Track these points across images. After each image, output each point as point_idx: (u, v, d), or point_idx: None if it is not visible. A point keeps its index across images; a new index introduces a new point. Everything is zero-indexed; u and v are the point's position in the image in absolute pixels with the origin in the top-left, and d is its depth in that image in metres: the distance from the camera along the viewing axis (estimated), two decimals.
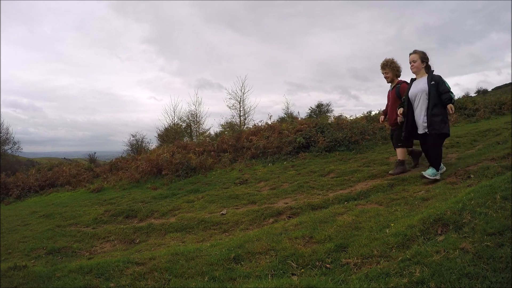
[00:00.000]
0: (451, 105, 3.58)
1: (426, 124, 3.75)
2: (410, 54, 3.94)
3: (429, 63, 3.95)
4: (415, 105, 3.89)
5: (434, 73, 3.78)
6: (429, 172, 3.69)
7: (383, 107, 4.97)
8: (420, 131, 3.85)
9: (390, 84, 4.58)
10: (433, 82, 3.72)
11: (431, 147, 3.75)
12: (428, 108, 3.69)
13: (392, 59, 4.46)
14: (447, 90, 3.62)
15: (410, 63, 3.92)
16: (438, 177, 3.64)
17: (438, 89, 3.66)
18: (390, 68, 4.42)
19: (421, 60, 3.86)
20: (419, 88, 3.81)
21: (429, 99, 3.68)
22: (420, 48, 3.95)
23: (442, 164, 3.85)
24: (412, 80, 4.00)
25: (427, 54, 3.89)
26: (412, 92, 3.90)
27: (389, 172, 4.48)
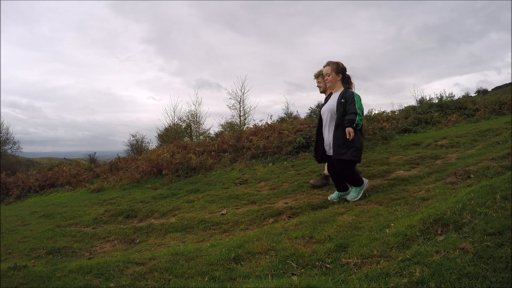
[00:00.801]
0: (349, 129, 3.16)
1: (328, 147, 3.45)
2: (324, 67, 3.62)
3: (349, 74, 3.65)
4: (323, 124, 3.57)
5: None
6: (352, 195, 3.47)
7: (383, 107, 4.96)
8: (328, 152, 3.54)
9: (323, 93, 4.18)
10: (343, 100, 3.33)
11: (336, 172, 3.43)
12: (334, 129, 3.34)
13: (342, 63, 4.01)
14: (353, 111, 3.20)
15: (324, 76, 3.59)
16: (361, 195, 3.43)
17: (345, 109, 3.28)
18: (323, 78, 3.90)
19: (336, 72, 3.49)
20: (329, 105, 3.47)
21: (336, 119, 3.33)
22: (420, 48, 3.86)
23: (365, 180, 3.55)
24: (330, 94, 3.66)
25: (343, 65, 3.55)
26: (323, 109, 3.58)
27: (310, 181, 4.41)
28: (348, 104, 3.27)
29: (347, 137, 3.18)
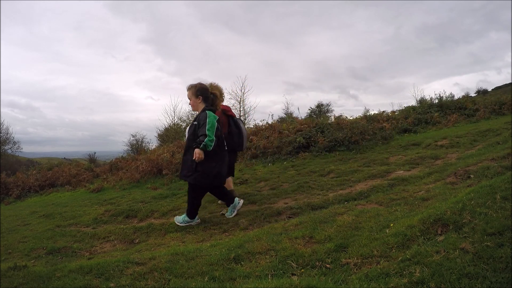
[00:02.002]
0: (197, 150, 3.10)
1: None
2: (187, 90, 3.57)
3: (220, 92, 3.72)
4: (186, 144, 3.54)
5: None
6: (179, 219, 3.48)
7: (383, 107, 4.98)
8: None
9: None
10: (195, 122, 3.33)
11: (188, 191, 3.45)
12: (184, 151, 3.35)
13: (211, 84, 3.94)
14: (203, 133, 3.16)
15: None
16: (188, 224, 3.46)
17: (195, 131, 3.26)
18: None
19: (195, 96, 3.45)
20: (189, 127, 3.49)
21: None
22: (420, 48, 3.91)
23: (196, 218, 3.52)
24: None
25: (202, 85, 3.52)
26: (186, 130, 3.60)
27: (219, 202, 4.33)
28: (200, 126, 3.23)
29: (194, 157, 3.13)
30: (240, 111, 17.33)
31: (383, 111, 10.97)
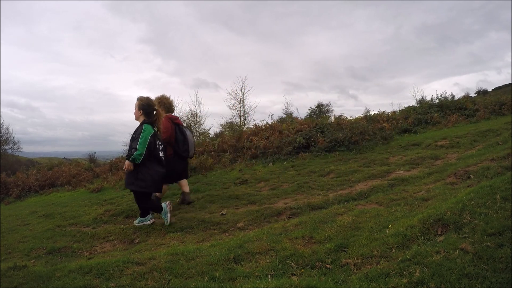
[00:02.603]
0: (127, 162, 3.45)
1: None
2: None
3: (169, 107, 4.13)
4: None
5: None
6: (136, 220, 3.83)
7: (383, 107, 5.00)
8: None
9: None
10: (134, 135, 3.61)
11: (135, 200, 3.78)
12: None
13: (162, 96, 4.38)
14: (134, 146, 3.46)
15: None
16: (146, 222, 3.71)
17: (131, 144, 3.55)
18: (159, 105, 4.22)
19: (138, 108, 3.73)
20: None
21: None
22: (419, 47, 3.92)
23: (149, 216, 3.80)
24: None
25: (149, 101, 3.76)
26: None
27: (177, 201, 4.58)
28: (134, 140, 3.55)
29: (124, 168, 3.55)
30: (240, 111, 17.32)
31: (383, 111, 10.99)
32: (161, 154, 3.66)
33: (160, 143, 3.71)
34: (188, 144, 4.23)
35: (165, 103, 4.29)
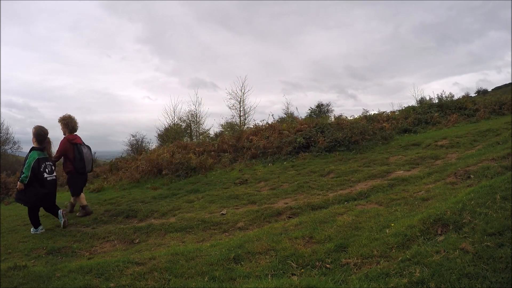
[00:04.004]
0: (18, 182, 3.96)
1: None
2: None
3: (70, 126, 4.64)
4: None
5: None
6: (32, 229, 4.14)
7: (383, 107, 5.02)
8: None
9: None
10: (25, 159, 4.09)
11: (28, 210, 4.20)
12: None
13: (68, 117, 4.85)
14: (21, 170, 4.01)
15: None
16: (35, 232, 4.07)
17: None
18: (61, 124, 4.83)
19: (33, 136, 4.18)
20: None
21: None
22: (419, 47, 3.97)
23: (40, 227, 4.14)
24: None
25: (40, 131, 4.18)
26: None
27: (77, 214, 4.82)
28: (23, 163, 4.10)
29: (16, 187, 4.08)
30: (240, 111, 17.32)
31: (383, 111, 10.99)
32: (45, 175, 4.10)
33: (48, 164, 4.20)
34: (85, 161, 4.75)
35: (70, 123, 4.83)
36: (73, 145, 4.72)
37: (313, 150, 7.11)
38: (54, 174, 4.29)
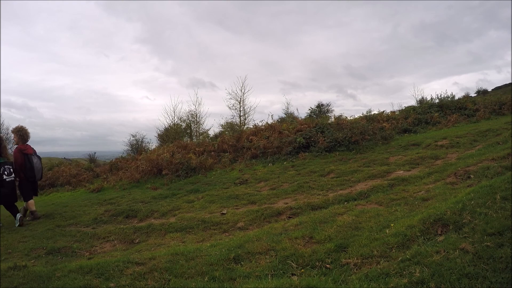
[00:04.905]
0: None
1: None
2: None
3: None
4: None
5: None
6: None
7: (382, 107, 5.03)
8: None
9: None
10: None
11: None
12: None
13: (21, 128, 5.24)
14: None
15: None
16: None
17: None
18: (15, 135, 5.27)
19: None
20: None
21: None
22: (418, 46, 3.96)
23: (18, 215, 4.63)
24: None
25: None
26: None
27: (26, 218, 5.03)
28: None
29: None
30: (240, 111, 17.31)
31: (383, 111, 10.99)
32: (4, 177, 4.60)
33: (7, 167, 4.73)
34: (34, 171, 5.11)
35: (22, 134, 5.20)
36: (24, 155, 5.10)
37: (313, 150, 7.11)
38: (13, 175, 4.81)
